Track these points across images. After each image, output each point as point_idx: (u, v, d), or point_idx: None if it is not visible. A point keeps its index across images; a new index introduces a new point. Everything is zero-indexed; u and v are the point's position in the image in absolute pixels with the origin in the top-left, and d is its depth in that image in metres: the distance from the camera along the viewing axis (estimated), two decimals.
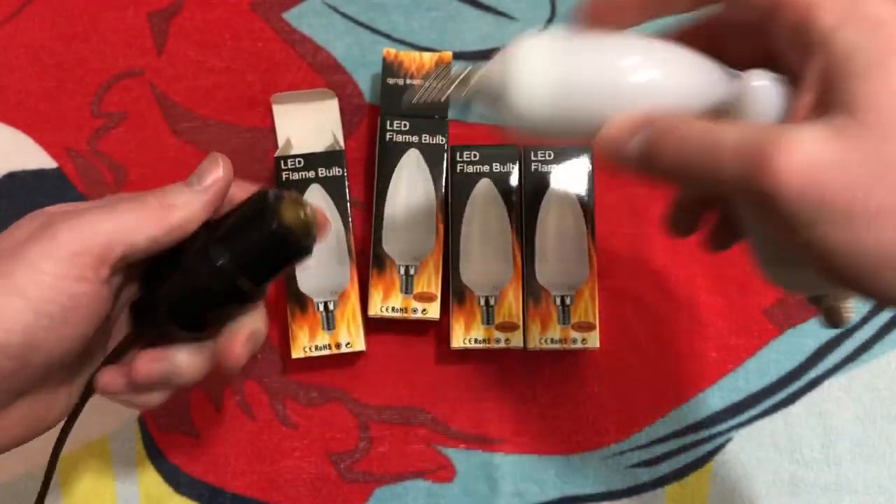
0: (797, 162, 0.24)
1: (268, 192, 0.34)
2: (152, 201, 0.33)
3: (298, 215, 0.34)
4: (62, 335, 0.31)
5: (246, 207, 0.34)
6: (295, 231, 0.33)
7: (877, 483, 0.48)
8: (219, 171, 0.35)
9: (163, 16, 0.52)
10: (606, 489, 0.48)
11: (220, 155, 0.35)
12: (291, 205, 0.34)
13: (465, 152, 0.48)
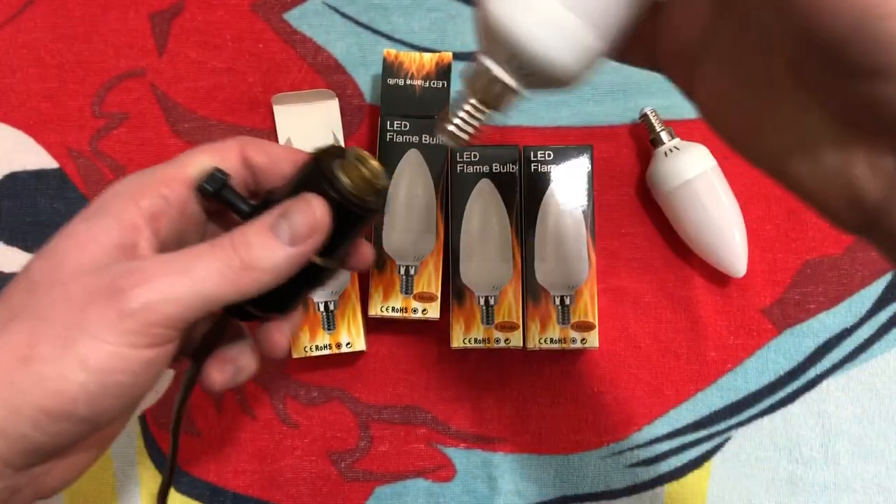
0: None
1: (320, 159, 0.32)
2: (233, 258, 0.30)
3: (360, 175, 0.31)
4: (130, 395, 0.29)
5: (301, 178, 0.32)
6: (359, 194, 0.31)
7: (875, 482, 0.48)
8: (315, 220, 0.31)
9: (164, 17, 0.52)
10: (606, 488, 0.48)
11: (313, 197, 0.31)
12: (350, 166, 0.32)
13: (465, 152, 0.48)
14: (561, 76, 0.27)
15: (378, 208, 0.33)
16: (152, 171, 0.32)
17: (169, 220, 0.31)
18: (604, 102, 0.51)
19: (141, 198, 0.31)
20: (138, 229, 0.30)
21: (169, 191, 0.31)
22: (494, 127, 0.51)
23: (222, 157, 0.33)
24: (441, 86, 0.48)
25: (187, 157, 0.33)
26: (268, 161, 0.34)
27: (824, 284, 0.50)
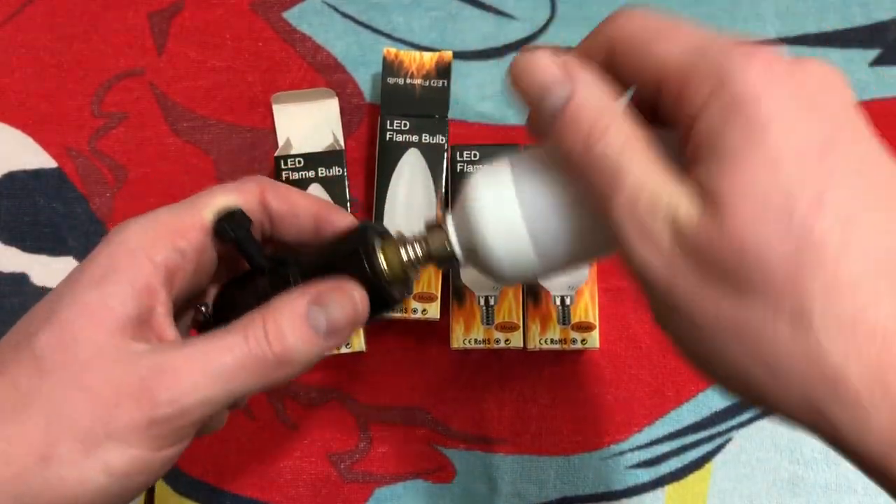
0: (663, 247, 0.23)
1: (366, 233, 0.30)
2: (267, 353, 0.28)
3: (400, 262, 0.30)
4: (144, 488, 0.28)
5: (338, 250, 0.31)
6: (392, 281, 0.30)
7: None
8: (356, 313, 0.29)
9: (163, 16, 0.52)
10: (606, 490, 0.48)
11: (355, 287, 0.29)
12: (391, 249, 0.30)
13: (465, 152, 0.48)
14: (496, 278, 0.29)
15: (402, 299, 0.32)
16: (166, 214, 0.30)
17: (185, 275, 0.30)
18: None
19: (156, 252, 0.29)
20: (154, 293, 0.28)
21: (185, 242, 0.29)
22: (494, 126, 0.51)
23: (241, 199, 0.31)
24: (441, 85, 0.48)
25: (204, 199, 0.31)
26: (289, 210, 0.32)
27: None
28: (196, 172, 0.51)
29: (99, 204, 0.51)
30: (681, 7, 0.51)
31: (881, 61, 0.51)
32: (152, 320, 0.28)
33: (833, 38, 0.51)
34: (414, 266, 0.31)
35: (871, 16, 0.51)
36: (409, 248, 0.31)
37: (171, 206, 0.31)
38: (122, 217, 0.50)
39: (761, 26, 0.51)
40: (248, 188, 0.32)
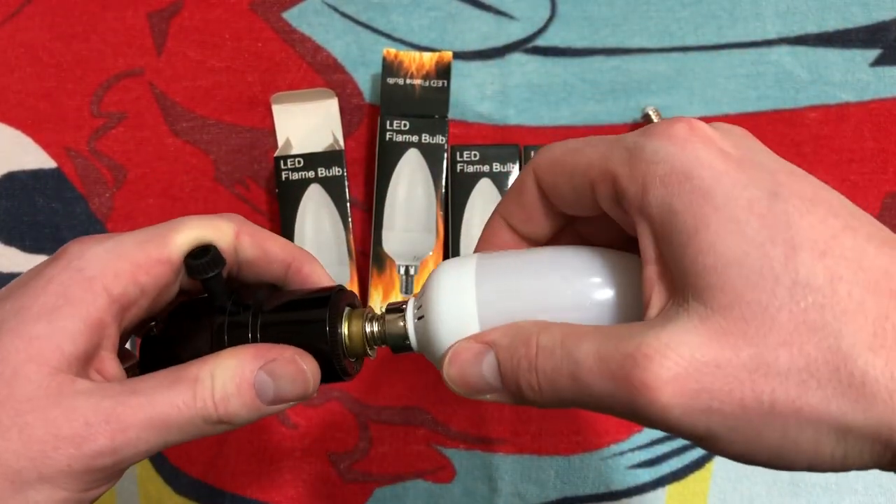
0: (667, 377, 0.21)
1: (333, 301, 0.30)
2: (211, 413, 0.27)
3: (361, 336, 0.30)
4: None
5: (300, 309, 0.30)
6: (350, 353, 0.30)
7: (877, 483, 0.48)
8: (306, 391, 0.29)
9: (162, 16, 0.52)
10: (607, 490, 0.48)
11: (310, 361, 0.29)
12: (356, 321, 0.30)
13: (465, 152, 0.48)
14: None
15: (353, 375, 0.31)
16: (132, 243, 0.28)
17: (139, 310, 0.29)
18: (605, 101, 0.51)
19: (114, 285, 0.27)
20: (105, 328, 0.27)
21: (147, 277, 0.28)
22: (494, 126, 0.51)
23: (215, 237, 0.30)
24: (441, 85, 0.48)
25: (174, 231, 0.29)
26: (261, 256, 0.31)
27: None
28: (195, 172, 0.51)
29: (98, 204, 0.51)
30: (681, 7, 0.51)
31: (882, 61, 0.51)
32: (98, 355, 0.27)
33: (833, 38, 0.51)
34: (372, 344, 0.30)
35: (872, 16, 0.51)
36: (374, 324, 0.30)
37: (139, 232, 0.29)
38: (122, 217, 0.50)
39: (761, 26, 0.51)
40: (222, 226, 0.30)
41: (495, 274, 0.27)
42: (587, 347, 0.23)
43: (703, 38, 0.51)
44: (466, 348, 0.26)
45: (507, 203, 0.29)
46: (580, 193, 0.26)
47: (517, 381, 0.25)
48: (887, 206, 0.50)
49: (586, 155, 0.25)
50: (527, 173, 0.28)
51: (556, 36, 0.52)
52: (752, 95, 0.51)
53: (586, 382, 0.23)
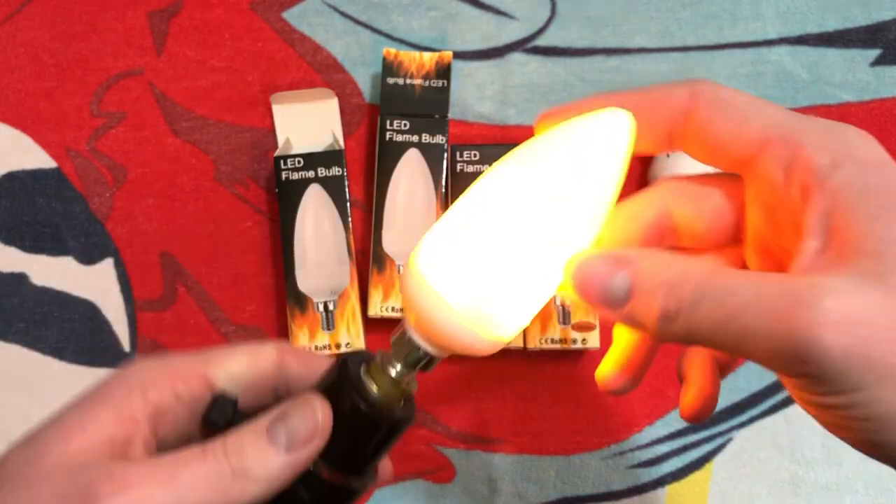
0: (836, 318, 0.21)
1: (346, 362, 0.29)
2: (223, 465, 0.26)
3: (390, 381, 0.29)
4: None
5: (323, 387, 0.29)
6: (389, 402, 0.29)
7: (877, 483, 0.48)
8: (316, 423, 0.28)
9: (162, 15, 0.52)
10: (607, 490, 0.48)
11: (315, 397, 0.28)
12: (377, 370, 0.29)
13: (465, 152, 0.48)
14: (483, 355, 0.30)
15: (411, 416, 0.30)
16: (176, 359, 0.29)
17: (175, 418, 0.29)
18: None
19: (150, 389, 0.28)
20: (136, 425, 0.27)
21: (184, 387, 0.29)
22: (494, 126, 0.51)
23: (257, 360, 0.30)
24: (441, 85, 0.48)
25: (218, 355, 0.30)
26: (306, 372, 0.31)
27: None
28: (195, 172, 0.51)
29: (98, 204, 0.51)
30: (681, 7, 0.51)
31: (882, 61, 0.51)
32: (128, 449, 0.27)
33: (834, 38, 0.51)
34: (408, 381, 0.30)
35: (872, 16, 0.51)
36: (395, 364, 0.29)
37: (186, 353, 0.30)
38: (122, 216, 0.50)
39: (761, 26, 0.51)
40: (265, 350, 0.31)
41: None
42: (746, 283, 0.23)
43: (703, 39, 0.51)
44: (599, 262, 0.26)
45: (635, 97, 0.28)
46: (740, 143, 0.26)
47: (651, 302, 0.25)
48: None
49: (767, 113, 0.26)
50: (682, 89, 0.28)
51: (556, 36, 0.52)
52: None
53: (737, 314, 0.23)
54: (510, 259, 0.27)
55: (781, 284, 0.23)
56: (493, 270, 0.27)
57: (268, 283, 0.50)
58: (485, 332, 0.28)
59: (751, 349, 0.23)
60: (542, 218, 0.27)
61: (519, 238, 0.27)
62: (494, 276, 0.27)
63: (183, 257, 0.50)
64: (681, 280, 0.24)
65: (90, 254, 0.50)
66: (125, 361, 0.29)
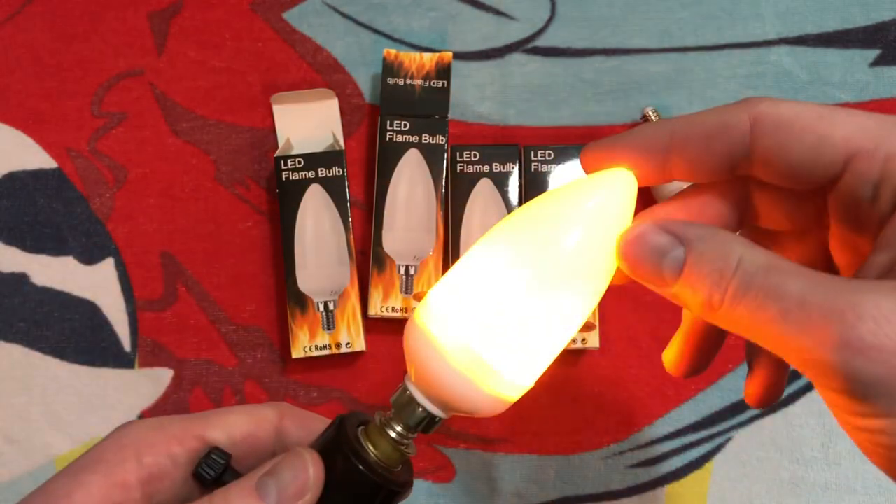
0: (872, 342, 0.20)
1: (343, 424, 0.28)
2: None
3: (389, 442, 0.28)
4: None
5: (320, 448, 0.28)
6: (388, 465, 0.28)
7: (877, 483, 0.48)
8: (308, 478, 0.27)
9: (163, 16, 0.52)
10: (606, 489, 0.48)
11: (306, 450, 0.27)
12: (375, 432, 0.28)
13: (465, 152, 0.48)
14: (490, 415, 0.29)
15: (410, 481, 0.29)
16: (173, 420, 0.29)
17: (172, 483, 0.28)
18: (604, 102, 0.51)
19: (146, 453, 0.27)
20: (128, 489, 0.27)
21: (180, 449, 0.28)
22: (494, 126, 0.51)
23: (257, 422, 0.30)
24: (441, 85, 0.48)
25: (217, 415, 0.29)
26: (306, 436, 0.30)
27: None
28: (196, 172, 0.51)
29: (99, 204, 0.51)
30: (681, 7, 0.51)
31: (881, 61, 0.51)
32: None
33: (833, 39, 0.51)
34: (407, 444, 0.29)
35: (871, 16, 0.51)
36: (394, 426, 0.29)
37: (184, 416, 0.29)
38: (123, 217, 0.50)
39: (761, 26, 0.51)
40: (265, 412, 0.30)
41: None
42: (793, 286, 0.22)
43: (702, 39, 0.51)
44: (656, 237, 0.25)
45: (686, 129, 0.27)
46: (820, 166, 0.24)
47: (698, 287, 0.24)
48: None
49: (844, 126, 0.24)
50: (740, 115, 0.26)
51: (556, 36, 0.52)
52: (751, 95, 0.51)
53: (776, 319, 0.22)
54: (509, 310, 0.26)
55: (828, 295, 0.22)
56: (490, 320, 0.26)
57: (268, 283, 0.50)
58: (485, 386, 0.27)
59: (786, 355, 0.23)
60: (540, 289, 0.26)
61: (518, 295, 0.26)
62: (493, 326, 0.26)
63: (183, 257, 0.50)
64: (731, 271, 0.23)
65: (91, 254, 0.50)
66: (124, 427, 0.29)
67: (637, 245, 0.25)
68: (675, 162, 0.27)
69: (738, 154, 0.26)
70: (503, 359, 0.27)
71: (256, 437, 0.30)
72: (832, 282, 0.22)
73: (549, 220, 0.27)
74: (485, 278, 0.27)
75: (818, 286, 0.22)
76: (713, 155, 0.26)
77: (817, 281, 0.22)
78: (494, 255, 0.27)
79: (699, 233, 0.25)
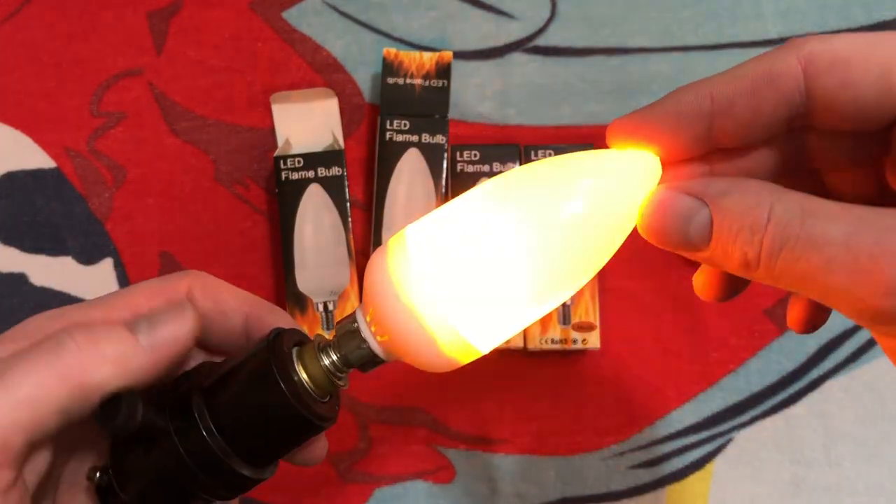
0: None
1: (278, 340, 0.26)
2: (70, 347, 0.23)
3: (322, 369, 0.26)
4: None
5: (246, 363, 0.26)
6: (315, 393, 0.26)
7: (878, 483, 0.48)
8: (180, 326, 0.25)
9: (162, 15, 0.52)
10: (607, 490, 0.48)
11: (188, 306, 0.26)
12: (309, 355, 0.26)
13: (465, 152, 0.48)
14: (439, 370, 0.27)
15: (333, 417, 0.27)
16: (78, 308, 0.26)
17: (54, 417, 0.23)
18: (605, 101, 0.51)
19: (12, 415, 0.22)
20: None
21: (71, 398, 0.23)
22: (494, 126, 0.51)
23: (168, 300, 0.27)
24: (441, 85, 0.48)
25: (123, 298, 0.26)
26: (215, 309, 0.28)
27: None
28: (195, 172, 0.51)
29: (98, 204, 0.51)
30: (681, 6, 0.51)
31: None
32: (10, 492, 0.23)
33: None
34: (339, 374, 0.27)
35: (872, 16, 0.51)
36: (331, 354, 0.27)
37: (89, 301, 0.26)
38: (122, 217, 0.50)
39: (762, 26, 0.51)
40: (175, 287, 0.28)
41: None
42: (835, 230, 0.20)
43: (703, 38, 0.51)
44: (678, 200, 0.23)
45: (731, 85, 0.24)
46: (892, 96, 0.22)
47: (730, 247, 0.22)
48: None
49: None
50: (789, 59, 0.23)
51: (556, 36, 0.52)
52: None
53: (821, 271, 0.21)
54: (493, 277, 0.25)
55: (875, 234, 0.20)
56: (470, 282, 0.25)
57: (268, 283, 0.50)
58: (446, 348, 0.25)
59: (837, 305, 0.21)
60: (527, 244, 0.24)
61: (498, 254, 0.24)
62: (471, 290, 0.25)
63: (183, 257, 0.50)
64: (762, 224, 0.21)
65: (90, 254, 0.50)
66: None
67: (659, 214, 0.24)
68: (721, 127, 0.24)
69: (795, 104, 0.23)
70: (473, 325, 0.25)
71: None
72: (878, 218, 0.20)
73: (552, 188, 0.25)
74: (474, 237, 0.25)
75: (863, 226, 0.20)
76: (765, 112, 0.23)
77: (862, 220, 0.20)
78: (491, 214, 0.25)
79: (722, 187, 0.23)
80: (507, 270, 0.25)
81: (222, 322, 0.28)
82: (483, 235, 0.25)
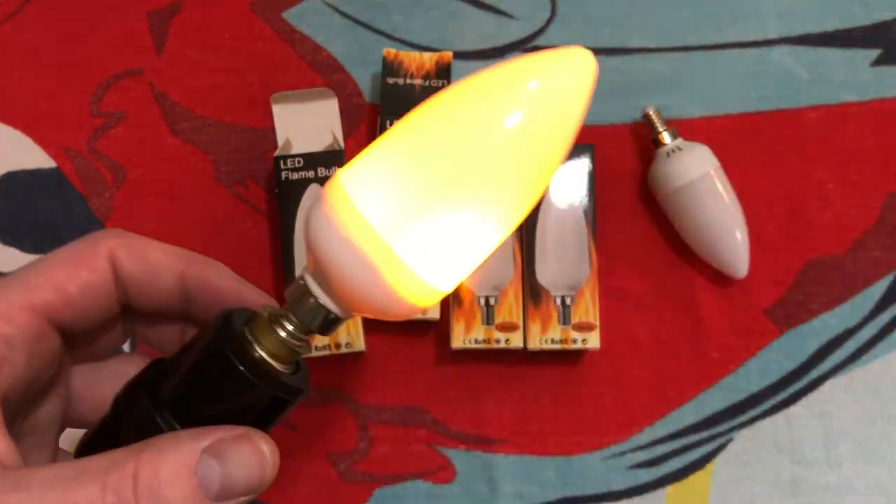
0: None
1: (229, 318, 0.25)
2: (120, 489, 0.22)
3: (279, 340, 0.25)
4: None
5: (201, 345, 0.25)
6: (277, 366, 0.25)
7: (878, 484, 0.48)
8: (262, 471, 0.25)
9: (162, 15, 0.52)
10: (607, 490, 0.48)
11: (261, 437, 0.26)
12: (263, 328, 0.25)
13: None
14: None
15: (304, 388, 0.26)
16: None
17: (13, 368, 0.23)
18: (605, 101, 0.51)
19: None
20: None
21: (12, 328, 0.23)
22: None
23: (87, 268, 0.25)
24: (441, 85, 0.48)
25: (37, 274, 0.25)
26: (145, 271, 0.26)
27: (827, 284, 0.49)
28: (195, 172, 0.51)
29: (98, 204, 0.51)
30: (681, 6, 0.51)
31: (883, 61, 0.51)
32: None
33: (834, 38, 0.51)
34: (300, 343, 0.26)
35: (873, 15, 0.51)
36: (286, 323, 0.26)
37: (3, 281, 0.25)
38: (122, 217, 0.50)
39: (762, 26, 0.51)
40: (94, 249, 0.26)
41: None
42: None
43: (703, 38, 0.51)
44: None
45: None
46: None
47: None
48: (888, 205, 0.50)
49: None
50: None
51: (556, 36, 0.52)
52: (752, 95, 0.51)
53: None
54: (428, 200, 0.23)
55: None
56: (407, 207, 0.23)
57: (268, 283, 0.50)
58: (394, 282, 0.24)
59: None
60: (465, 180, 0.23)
61: (441, 185, 0.23)
62: (409, 216, 0.23)
63: None
64: None
65: None
66: None
67: None
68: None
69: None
70: (417, 252, 0.24)
71: (94, 285, 0.26)
72: None
73: (484, 101, 0.24)
74: (405, 162, 0.24)
75: None
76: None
77: None
78: (418, 137, 0.24)
79: None
80: (444, 189, 0.24)
81: (154, 283, 0.27)
82: (411, 156, 0.24)
